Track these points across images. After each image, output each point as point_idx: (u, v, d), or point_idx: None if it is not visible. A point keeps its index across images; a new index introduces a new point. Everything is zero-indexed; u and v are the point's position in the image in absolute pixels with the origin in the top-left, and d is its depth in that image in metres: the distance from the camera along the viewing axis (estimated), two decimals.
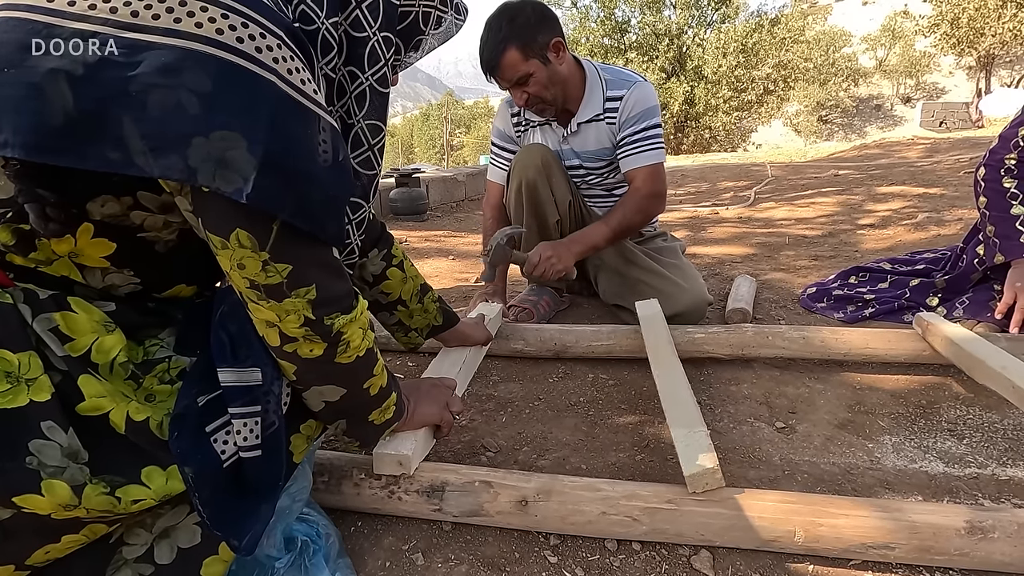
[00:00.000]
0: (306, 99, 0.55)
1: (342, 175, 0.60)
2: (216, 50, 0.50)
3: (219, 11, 0.51)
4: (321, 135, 0.56)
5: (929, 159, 6.98)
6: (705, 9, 21.72)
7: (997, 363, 1.09)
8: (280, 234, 0.56)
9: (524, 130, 1.77)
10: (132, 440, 0.58)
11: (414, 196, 4.29)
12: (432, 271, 2.60)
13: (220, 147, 0.49)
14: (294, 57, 0.55)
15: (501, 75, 1.53)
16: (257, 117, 0.51)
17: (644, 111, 1.59)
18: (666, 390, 1.03)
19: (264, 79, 0.51)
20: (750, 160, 10.66)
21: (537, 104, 1.59)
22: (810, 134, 28.22)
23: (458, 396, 1.00)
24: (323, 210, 0.58)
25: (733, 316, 1.66)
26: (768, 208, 4.37)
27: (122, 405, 0.58)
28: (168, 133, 0.48)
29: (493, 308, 1.48)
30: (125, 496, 0.56)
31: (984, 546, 0.72)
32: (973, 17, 20.65)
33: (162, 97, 0.48)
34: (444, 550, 0.83)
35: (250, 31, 0.51)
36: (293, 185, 0.54)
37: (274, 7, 0.56)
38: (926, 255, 1.95)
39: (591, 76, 1.64)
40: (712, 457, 0.80)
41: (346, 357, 0.68)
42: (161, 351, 0.65)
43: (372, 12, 0.70)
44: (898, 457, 1.03)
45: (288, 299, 0.60)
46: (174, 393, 0.62)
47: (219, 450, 0.62)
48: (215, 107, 0.49)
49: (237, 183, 0.50)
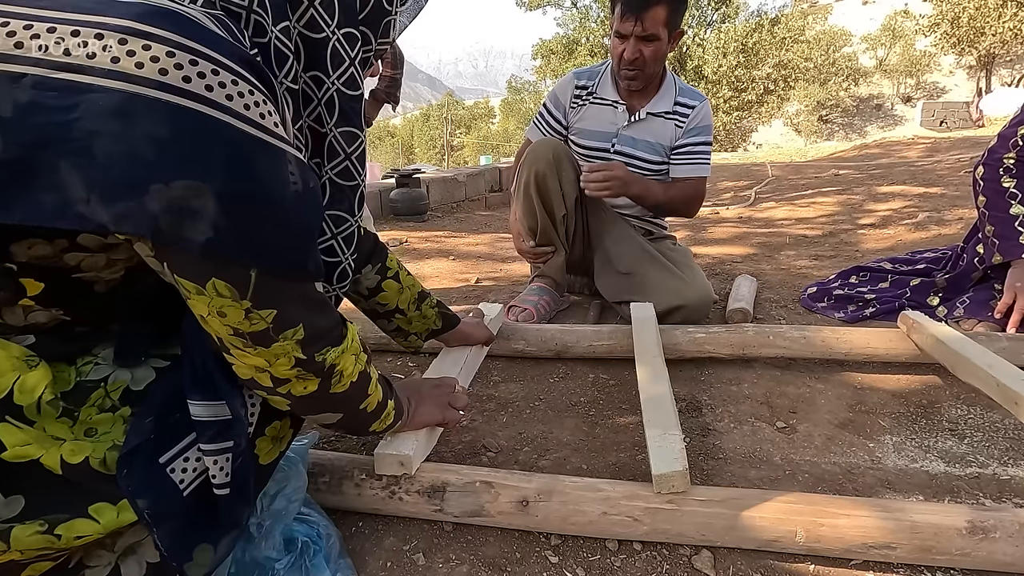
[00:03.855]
0: (267, 135, 0.51)
1: (313, 202, 0.56)
2: (162, 93, 0.45)
3: (163, 49, 0.46)
4: (288, 167, 0.52)
5: (929, 158, 6.98)
6: (705, 9, 21.72)
7: (982, 361, 1.09)
8: (260, 280, 0.53)
9: (582, 105, 1.80)
10: (73, 481, 0.53)
11: (414, 196, 4.29)
12: (433, 272, 2.61)
13: (182, 196, 0.45)
14: (253, 91, 0.50)
15: (643, 20, 1.56)
16: (216, 163, 0.47)
17: (707, 126, 1.75)
18: (647, 392, 1.03)
19: (218, 121, 0.47)
20: (750, 160, 10.65)
21: (639, 69, 1.64)
22: (810, 134, 28.21)
23: (462, 392, 0.99)
24: (300, 246, 0.55)
25: (734, 316, 1.66)
26: (768, 208, 4.37)
27: (53, 450, 0.52)
28: (120, 181, 0.44)
29: (494, 308, 1.48)
30: (67, 532, 0.52)
31: (985, 546, 0.72)
32: (973, 16, 20.65)
33: (109, 143, 0.44)
34: (445, 550, 0.83)
35: (199, 69, 0.47)
36: (265, 229, 0.51)
37: (227, 35, 0.51)
38: (927, 254, 1.95)
39: (668, 76, 1.76)
40: (682, 460, 0.80)
41: (340, 387, 0.67)
42: (97, 370, 0.59)
43: (327, 8, 0.63)
44: (899, 457, 1.03)
45: (276, 343, 0.57)
46: (117, 420, 0.57)
47: (177, 479, 0.58)
48: (170, 154, 0.45)
49: (205, 233, 0.46)
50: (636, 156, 1.76)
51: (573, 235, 1.77)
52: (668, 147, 1.75)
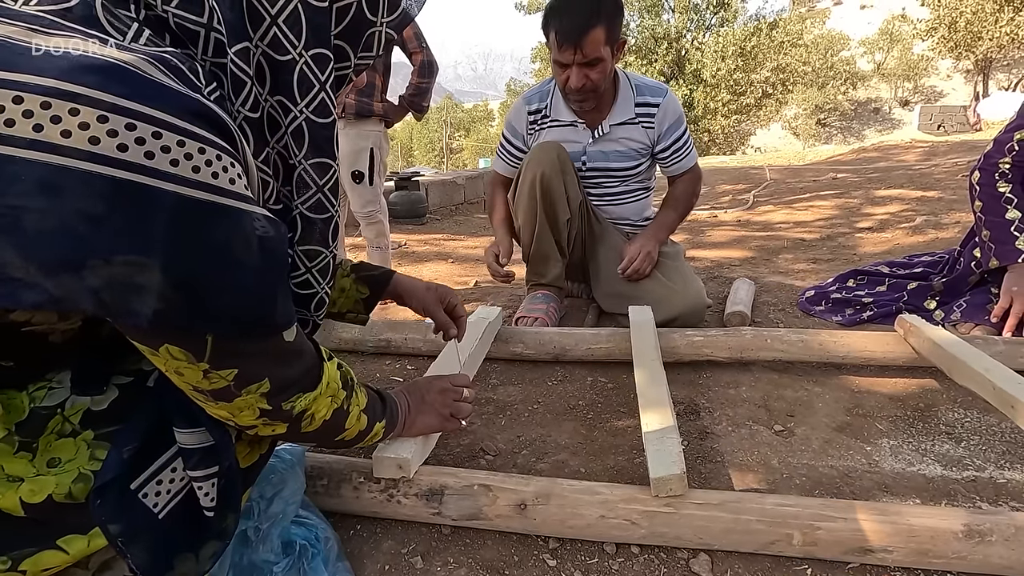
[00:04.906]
0: (222, 195, 0.45)
1: (277, 258, 0.51)
2: (94, 165, 0.40)
3: (94, 113, 0.40)
4: (250, 224, 0.48)
5: (927, 162, 7.00)
6: (704, 13, 21.81)
7: (979, 365, 1.09)
8: (217, 344, 0.49)
9: (540, 129, 1.79)
10: (37, 519, 0.51)
11: (413, 199, 4.30)
12: (432, 275, 2.61)
13: (123, 272, 0.41)
14: (204, 148, 0.44)
15: (582, 47, 1.49)
16: (158, 235, 0.42)
17: (678, 118, 1.72)
18: (644, 395, 1.04)
19: (161, 191, 0.42)
20: (749, 163, 10.68)
21: (588, 93, 1.59)
22: (808, 137, 28.30)
23: (468, 401, 0.97)
24: (261, 304, 0.50)
25: (732, 319, 1.67)
26: (767, 211, 4.38)
27: (10, 493, 0.49)
28: (54, 258, 0.40)
29: (492, 311, 1.48)
30: (33, 567, 0.50)
31: (982, 549, 0.73)
32: (970, 21, 20.74)
33: (38, 219, 0.39)
34: (443, 554, 0.83)
35: (137, 134, 0.41)
36: (219, 296, 0.46)
37: (175, 80, 0.45)
38: (924, 258, 1.96)
39: (621, 80, 1.71)
40: (679, 464, 0.80)
41: (311, 428, 0.65)
42: (52, 395, 0.54)
43: (293, 26, 0.55)
44: (896, 460, 1.03)
45: (239, 398, 0.54)
46: (80, 445, 0.53)
47: (151, 504, 0.55)
48: (107, 229, 0.40)
49: (152, 306, 0.43)
50: (610, 168, 1.76)
51: (574, 241, 1.77)
52: (642, 149, 1.73)
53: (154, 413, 0.57)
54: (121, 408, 0.56)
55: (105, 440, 0.54)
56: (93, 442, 0.54)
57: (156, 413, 0.57)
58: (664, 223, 1.73)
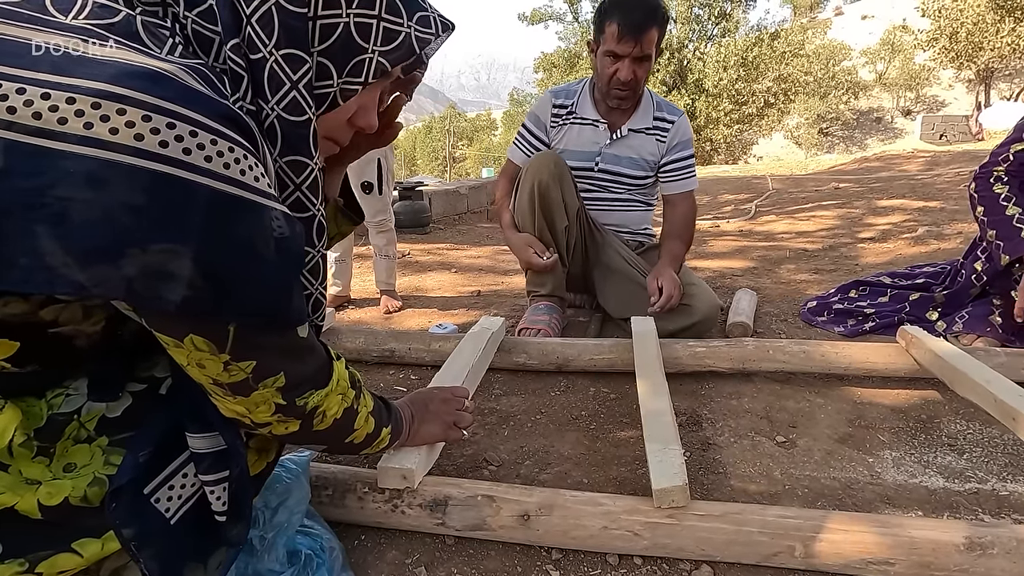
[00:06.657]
0: (248, 191, 0.49)
1: (295, 254, 0.55)
2: (138, 159, 0.44)
3: (139, 113, 0.44)
4: (275, 222, 0.52)
5: (929, 172, 7.01)
6: (705, 23, 21.94)
7: (980, 376, 1.10)
8: (239, 334, 0.53)
9: (563, 124, 1.83)
10: (53, 521, 0.53)
11: (417, 209, 4.32)
12: (434, 284, 2.62)
13: (158, 260, 0.45)
14: (233, 147, 0.49)
15: (641, 41, 1.61)
16: (193, 226, 0.46)
17: (688, 140, 1.82)
18: (647, 406, 1.04)
19: (196, 183, 0.46)
20: (751, 173, 10.69)
21: (631, 88, 1.69)
22: (811, 146, 28.34)
23: (469, 412, 0.98)
24: (280, 298, 0.54)
25: (734, 330, 1.67)
26: (769, 221, 4.39)
27: (28, 495, 0.51)
28: (95, 246, 0.43)
29: (495, 321, 1.49)
30: (49, 569, 0.52)
31: (984, 562, 0.73)
32: (971, 31, 20.81)
33: (84, 210, 0.43)
34: (447, 564, 0.83)
35: (176, 132, 0.45)
36: (243, 286, 0.50)
37: (207, 88, 0.50)
38: (926, 269, 1.96)
39: (646, 91, 1.81)
40: (682, 475, 0.81)
41: (323, 426, 0.67)
42: (69, 401, 0.57)
43: (265, 27, 0.57)
44: (898, 472, 1.04)
45: (256, 392, 0.57)
46: (95, 451, 0.56)
47: (162, 508, 0.58)
48: (147, 219, 0.44)
49: (181, 293, 0.46)
50: (620, 173, 1.81)
51: (573, 249, 1.78)
52: (652, 161, 1.81)
53: (166, 420, 0.59)
54: (135, 415, 0.58)
55: (119, 446, 0.56)
56: (108, 448, 0.56)
57: (168, 420, 0.59)
58: (676, 255, 1.72)
